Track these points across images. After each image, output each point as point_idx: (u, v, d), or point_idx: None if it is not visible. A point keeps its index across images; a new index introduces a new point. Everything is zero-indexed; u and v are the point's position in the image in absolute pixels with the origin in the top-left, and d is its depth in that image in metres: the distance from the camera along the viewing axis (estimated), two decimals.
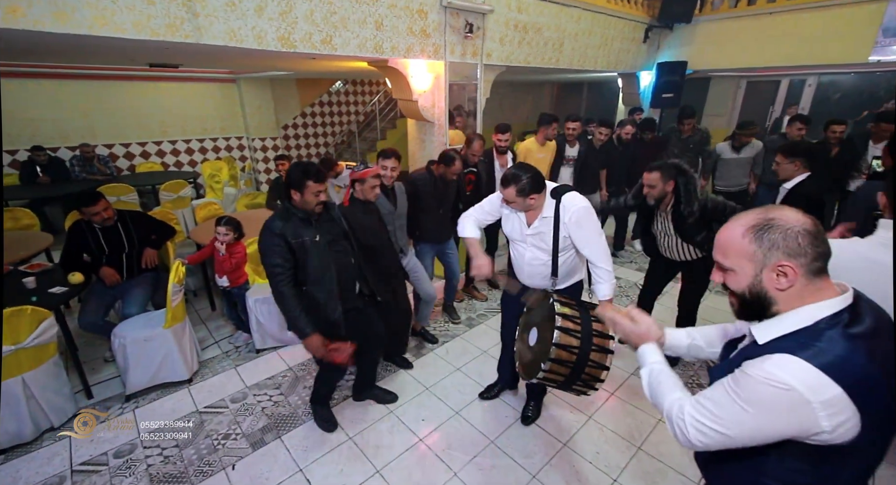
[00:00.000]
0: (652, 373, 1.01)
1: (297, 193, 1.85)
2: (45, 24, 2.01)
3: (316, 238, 1.90)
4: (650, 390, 1.00)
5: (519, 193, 1.72)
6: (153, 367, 2.55)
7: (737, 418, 0.79)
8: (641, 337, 1.09)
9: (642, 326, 1.10)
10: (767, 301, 0.82)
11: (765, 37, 5.70)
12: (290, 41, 2.88)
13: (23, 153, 5.57)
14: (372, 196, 2.31)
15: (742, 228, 0.82)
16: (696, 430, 0.84)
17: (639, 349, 1.08)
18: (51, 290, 2.48)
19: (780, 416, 0.75)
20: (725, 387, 0.82)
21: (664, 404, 0.93)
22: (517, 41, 4.46)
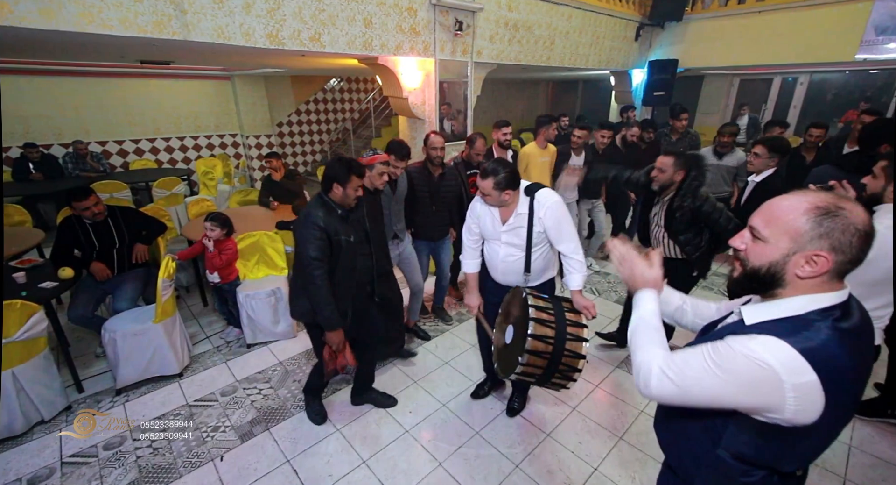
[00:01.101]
0: (643, 319, 0.98)
1: (339, 187, 1.85)
2: (30, 21, 2.03)
3: (351, 238, 1.93)
4: (633, 335, 0.97)
5: (495, 186, 1.76)
6: (143, 361, 2.58)
7: (699, 377, 0.80)
8: (648, 282, 1.03)
9: (656, 270, 1.04)
10: (778, 282, 0.81)
11: (754, 35, 5.76)
12: (279, 38, 2.90)
13: (15, 150, 5.57)
14: (380, 184, 2.29)
15: (807, 204, 0.76)
16: (658, 379, 0.85)
17: (638, 293, 1.03)
18: (41, 285, 2.50)
19: (745, 388, 0.76)
20: (702, 350, 0.82)
21: (641, 354, 0.92)
22: (508, 39, 4.49)
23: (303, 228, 1.84)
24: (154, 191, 5.19)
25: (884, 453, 2.14)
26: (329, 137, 8.93)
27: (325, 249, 1.83)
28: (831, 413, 0.76)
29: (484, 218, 1.99)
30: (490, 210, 1.94)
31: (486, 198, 1.85)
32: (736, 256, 0.88)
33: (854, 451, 2.16)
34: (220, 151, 7.66)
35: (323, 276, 1.83)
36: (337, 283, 1.93)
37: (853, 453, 2.14)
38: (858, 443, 2.20)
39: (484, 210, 1.98)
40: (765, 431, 0.81)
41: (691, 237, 2.37)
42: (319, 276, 1.83)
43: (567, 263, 1.92)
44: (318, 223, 1.81)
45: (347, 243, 1.91)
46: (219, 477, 2.03)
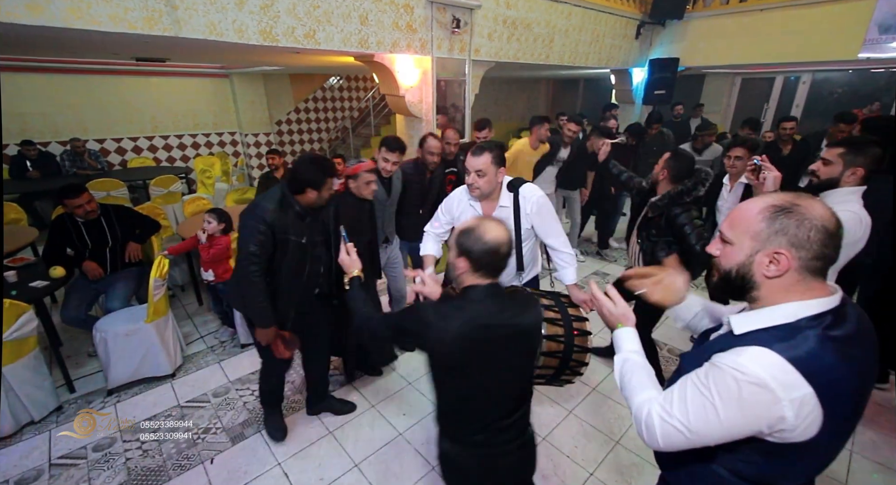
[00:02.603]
0: (626, 362, 0.97)
1: (313, 191, 1.75)
2: (17, 16, 1.99)
3: (303, 239, 1.81)
4: (621, 380, 0.96)
5: (494, 160, 1.68)
6: (135, 361, 2.55)
7: (705, 415, 0.76)
8: (618, 319, 1.04)
9: (620, 307, 1.05)
10: (749, 285, 0.80)
11: (756, 33, 5.70)
12: (273, 35, 2.86)
13: (13, 148, 5.55)
14: (367, 193, 2.14)
15: (762, 204, 0.79)
16: (664, 432, 0.81)
17: (616, 332, 1.04)
18: (31, 284, 2.48)
19: (748, 413, 0.73)
20: (695, 382, 0.79)
21: (634, 400, 0.89)
22: (506, 37, 4.44)
23: (247, 219, 1.73)
24: (151, 189, 5.17)
25: (886, 460, 2.11)
26: (328, 136, 8.90)
27: (266, 246, 1.72)
28: (831, 426, 0.73)
29: (464, 217, 1.90)
30: (471, 208, 1.87)
31: (480, 180, 1.71)
32: (713, 263, 0.88)
33: (855, 457, 2.12)
34: (218, 150, 7.64)
35: (258, 273, 1.74)
36: (279, 283, 1.83)
37: (854, 459, 2.11)
38: (860, 449, 2.16)
39: (463, 208, 1.91)
40: (762, 449, 0.78)
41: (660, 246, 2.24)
42: (255, 272, 1.73)
43: (557, 257, 1.88)
44: (264, 218, 1.69)
45: (297, 245, 1.79)
46: (208, 480, 2.00)
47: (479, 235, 1.08)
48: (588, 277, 4.12)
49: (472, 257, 1.08)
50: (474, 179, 1.72)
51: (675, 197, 2.15)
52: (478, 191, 1.75)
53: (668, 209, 2.14)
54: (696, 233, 2.09)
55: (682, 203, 2.11)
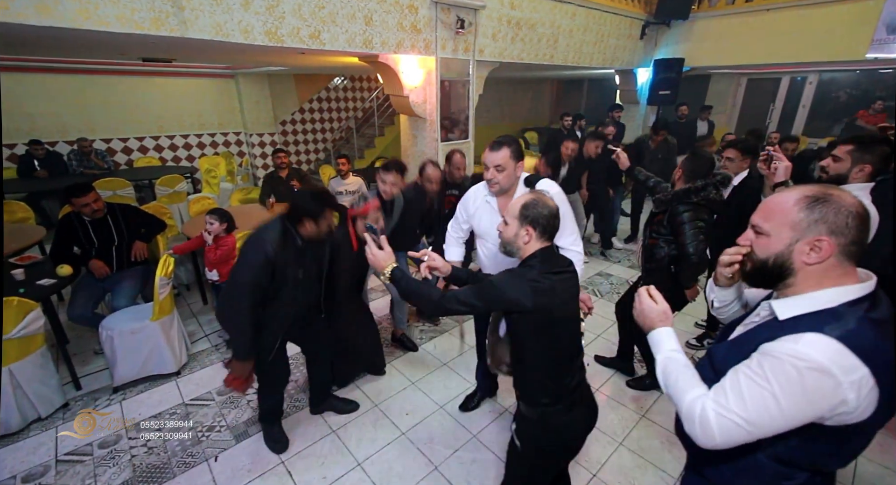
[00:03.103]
0: (669, 362, 0.95)
1: (312, 223, 1.72)
2: (27, 17, 2.02)
3: (300, 275, 1.79)
4: (665, 380, 0.94)
5: (513, 155, 1.67)
6: (140, 359, 2.57)
7: (765, 407, 0.76)
8: (659, 318, 1.02)
9: (662, 306, 1.03)
10: (787, 272, 0.83)
11: (762, 34, 5.66)
12: (278, 36, 2.88)
13: (21, 147, 5.61)
14: None
15: (798, 195, 0.81)
16: (722, 427, 0.79)
17: (654, 332, 1.01)
18: (39, 282, 2.50)
19: (811, 399, 0.74)
20: (748, 374, 0.78)
21: (684, 399, 0.87)
22: (510, 37, 4.44)
23: (249, 250, 1.71)
24: (157, 188, 5.21)
25: (892, 463, 2.09)
26: (332, 136, 8.93)
27: (263, 280, 1.69)
28: (880, 407, 0.75)
29: (480, 214, 1.89)
30: (487, 204, 1.86)
31: (499, 175, 1.69)
32: (744, 255, 0.91)
33: (861, 460, 2.10)
34: (223, 149, 7.68)
35: (251, 307, 1.71)
36: (272, 313, 1.82)
37: (860, 463, 2.09)
38: (866, 452, 2.13)
39: (478, 205, 1.90)
40: (816, 433, 0.79)
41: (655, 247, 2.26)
42: (247, 306, 1.70)
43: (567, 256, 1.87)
44: (266, 251, 1.67)
45: (294, 280, 1.78)
46: (212, 478, 2.01)
47: (543, 204, 1.28)
48: (591, 278, 4.11)
49: (541, 223, 1.27)
50: (493, 174, 1.69)
51: (679, 194, 2.13)
52: (497, 186, 1.72)
53: (672, 206, 2.13)
54: (693, 233, 2.06)
55: (688, 202, 2.09)
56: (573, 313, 1.33)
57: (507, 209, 1.35)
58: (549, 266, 1.27)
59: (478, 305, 1.28)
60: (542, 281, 1.22)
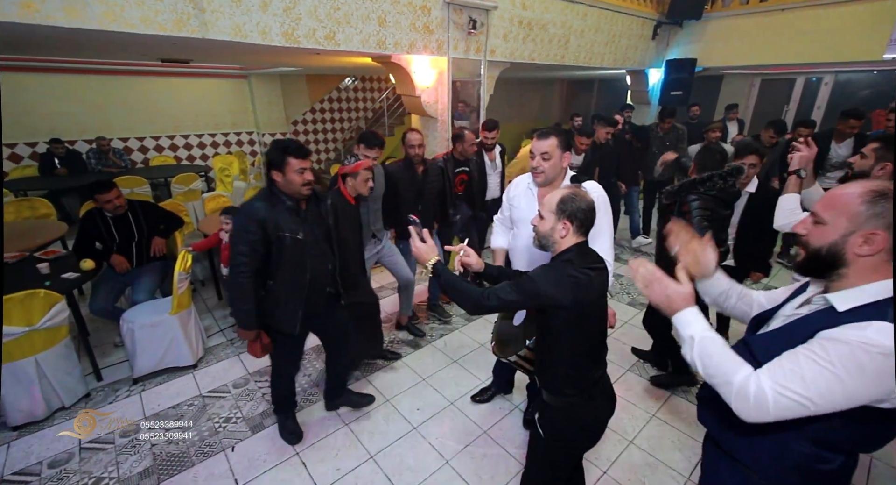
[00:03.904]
0: (704, 341, 0.94)
1: (278, 173, 1.69)
2: (56, 19, 2.09)
3: (299, 235, 1.76)
4: (702, 360, 0.93)
5: (560, 145, 1.67)
6: (159, 352, 2.64)
7: (828, 387, 0.79)
8: (685, 299, 1.00)
9: (687, 286, 1.02)
10: (839, 262, 0.86)
11: (776, 34, 5.61)
12: (294, 37, 2.94)
13: (42, 145, 5.77)
14: (365, 190, 2.20)
15: (863, 188, 0.85)
16: (779, 404, 0.82)
17: (680, 313, 1.00)
18: (63, 275, 2.58)
19: (876, 382, 0.78)
20: (810, 357, 0.82)
21: (734, 378, 0.87)
22: (522, 37, 4.46)
23: (238, 218, 1.71)
24: (173, 186, 5.32)
25: None
26: (343, 136, 9.01)
27: (255, 244, 1.68)
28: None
29: (518, 200, 1.90)
30: (528, 191, 1.86)
31: (545, 163, 1.69)
32: (800, 242, 0.95)
33: (876, 463, 2.09)
34: (236, 149, 7.80)
35: (247, 273, 1.70)
36: (281, 283, 1.79)
37: (875, 465, 2.08)
38: (880, 454, 2.12)
39: (519, 192, 1.90)
40: (865, 415, 0.83)
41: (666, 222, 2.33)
42: (243, 272, 1.69)
43: None
44: (254, 216, 1.67)
45: (293, 241, 1.74)
46: (229, 467, 2.06)
47: (581, 198, 1.29)
48: None
49: (579, 217, 1.28)
50: (539, 162, 1.69)
51: (685, 185, 2.18)
52: (542, 175, 1.71)
53: (680, 196, 2.17)
54: (697, 221, 2.09)
55: (698, 192, 2.14)
56: (604, 309, 1.36)
57: (542, 204, 1.35)
58: (586, 260, 1.28)
59: (517, 301, 1.27)
60: (581, 275, 1.22)
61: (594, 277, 1.26)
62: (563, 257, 1.30)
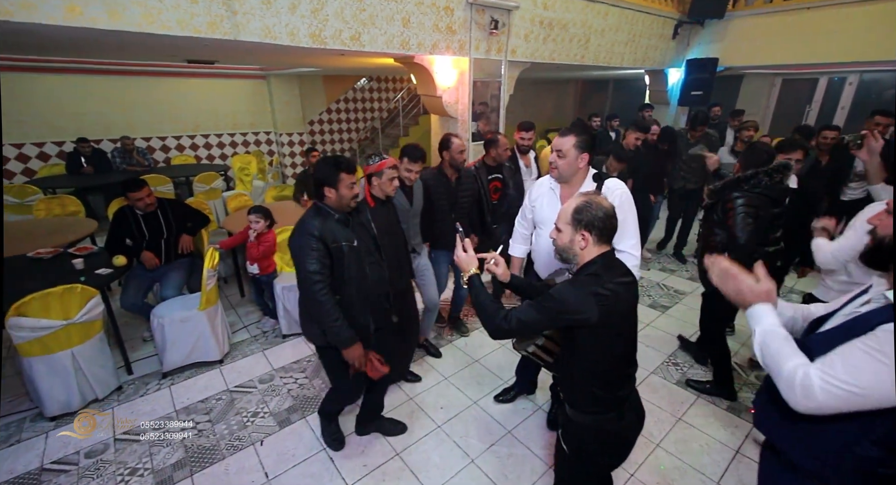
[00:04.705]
0: (768, 335, 0.98)
1: (331, 189, 1.69)
2: (99, 22, 2.16)
3: (354, 243, 1.76)
4: (764, 352, 0.97)
5: (577, 145, 1.68)
6: (188, 346, 2.70)
7: (876, 375, 0.81)
8: (760, 295, 1.03)
9: (765, 283, 1.04)
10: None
11: (802, 33, 5.50)
12: (321, 38, 2.97)
13: (69, 145, 5.92)
14: (391, 190, 2.11)
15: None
16: (826, 391, 0.84)
17: (753, 308, 1.03)
18: (97, 271, 2.65)
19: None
20: (864, 350, 0.83)
21: (784, 367, 0.92)
22: (542, 38, 4.45)
23: (297, 240, 1.68)
24: (195, 185, 5.42)
25: None
26: (358, 136, 9.08)
27: (324, 261, 1.67)
28: None
29: (541, 200, 1.90)
30: (550, 191, 1.87)
31: (559, 160, 1.71)
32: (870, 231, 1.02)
33: None
34: (254, 148, 7.91)
35: (325, 291, 1.67)
36: (349, 295, 1.78)
37: None
38: None
39: (542, 191, 1.90)
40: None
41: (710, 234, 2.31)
42: (321, 290, 1.66)
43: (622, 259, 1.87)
44: (312, 232, 1.65)
45: (350, 249, 1.74)
46: (259, 461, 2.10)
47: (597, 206, 1.23)
48: None
49: (597, 226, 1.21)
50: (554, 158, 1.73)
51: (729, 184, 2.18)
52: (556, 171, 1.75)
53: (724, 194, 2.16)
54: (741, 218, 2.10)
55: (742, 190, 2.13)
56: (633, 325, 1.29)
57: (559, 216, 1.31)
58: (613, 274, 1.20)
59: (539, 322, 1.22)
60: (607, 292, 1.15)
61: (621, 292, 1.18)
62: (588, 271, 1.23)
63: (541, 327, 1.29)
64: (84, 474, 2.02)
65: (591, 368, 1.26)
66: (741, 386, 2.65)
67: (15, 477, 2.00)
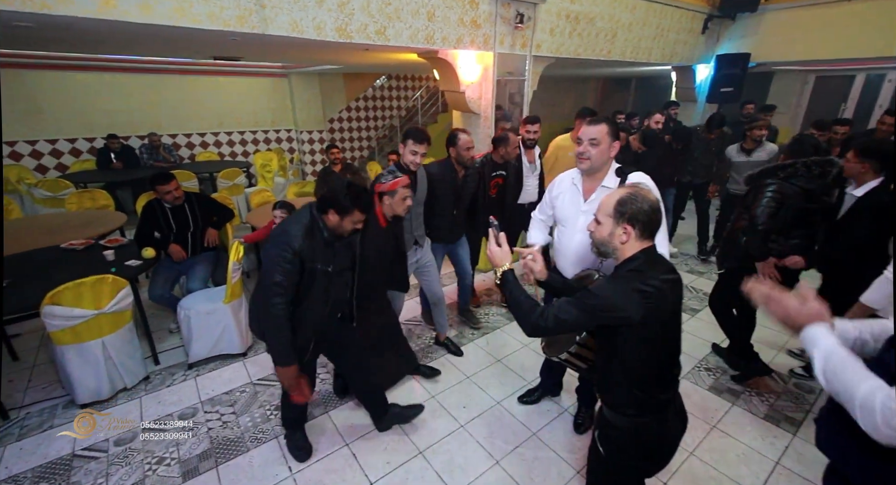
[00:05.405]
0: (830, 357, 0.88)
1: (336, 216, 1.63)
2: (132, 16, 2.19)
3: (329, 268, 1.71)
4: (828, 375, 0.88)
5: (610, 131, 1.61)
6: (213, 339, 2.72)
7: None
8: (812, 316, 0.95)
9: (813, 304, 0.96)
10: None
11: (840, 26, 5.25)
12: (347, 32, 2.97)
13: (99, 141, 6.10)
14: (402, 210, 2.02)
15: None
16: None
17: (807, 331, 0.95)
18: (127, 262, 2.70)
19: None
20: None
21: (857, 392, 0.82)
22: (568, 32, 4.35)
23: (274, 246, 1.60)
24: (218, 181, 5.51)
25: None
26: (376, 134, 9.11)
27: (292, 276, 1.59)
28: None
29: (563, 196, 1.84)
30: (572, 186, 1.80)
31: (592, 149, 1.63)
32: None
33: None
34: (275, 146, 8.02)
35: (282, 305, 1.59)
36: (304, 311, 1.72)
37: None
38: None
39: (563, 187, 1.84)
40: None
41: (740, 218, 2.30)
42: (278, 304, 1.58)
43: None
44: (292, 245, 1.58)
45: (323, 273, 1.68)
46: (283, 454, 2.09)
47: (642, 198, 1.16)
48: None
49: (641, 219, 1.15)
50: (586, 148, 1.63)
51: (767, 170, 2.17)
52: (588, 162, 1.65)
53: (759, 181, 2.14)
54: (766, 202, 2.11)
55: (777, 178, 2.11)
56: (678, 325, 1.22)
57: (599, 207, 1.24)
58: (657, 270, 1.14)
59: (578, 319, 1.16)
60: (650, 287, 1.09)
61: (667, 290, 1.11)
62: (629, 267, 1.16)
63: (580, 326, 1.22)
64: (113, 461, 2.05)
65: (632, 369, 1.19)
66: (779, 394, 2.53)
67: (48, 462, 2.04)
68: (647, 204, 1.16)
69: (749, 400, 2.49)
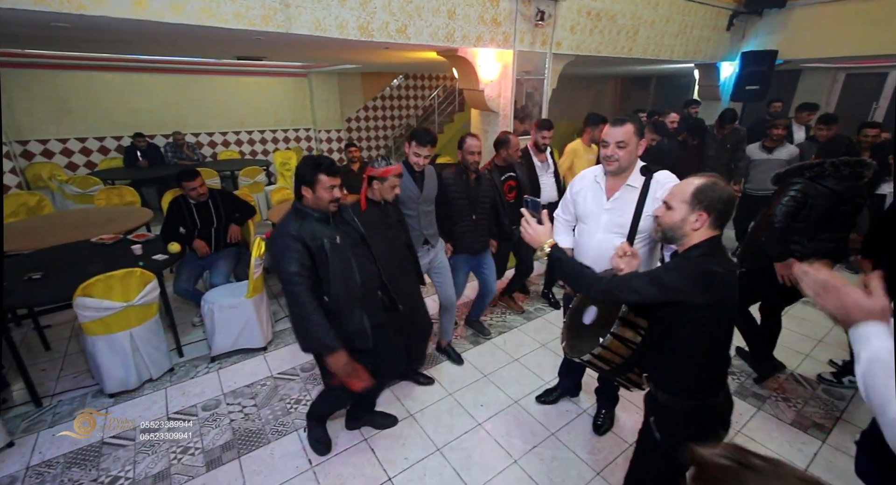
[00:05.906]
0: (877, 363, 0.78)
1: (307, 189, 1.63)
2: (163, 15, 2.25)
3: (336, 240, 1.69)
4: (867, 383, 0.79)
5: (636, 131, 1.61)
6: (235, 332, 2.78)
7: None
8: (874, 312, 0.83)
9: (880, 299, 0.84)
10: None
11: (874, 22, 5.05)
12: (369, 30, 2.99)
13: (126, 139, 6.29)
14: (390, 196, 2.07)
15: None
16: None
17: (862, 328, 0.83)
18: (154, 257, 2.77)
19: None
20: None
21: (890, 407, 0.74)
22: (589, 29, 4.30)
23: (275, 242, 1.62)
24: (239, 179, 5.62)
25: None
26: (393, 133, 9.16)
27: (303, 260, 1.58)
28: None
29: (585, 194, 1.81)
30: (594, 184, 1.78)
31: (620, 151, 1.61)
32: None
33: None
34: (294, 145, 8.14)
35: (306, 292, 1.58)
36: (336, 295, 1.68)
37: None
38: None
39: (585, 184, 1.82)
40: None
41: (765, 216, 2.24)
42: (301, 292, 1.57)
43: None
44: (290, 232, 1.59)
45: (333, 246, 1.66)
46: (303, 447, 2.12)
47: (721, 188, 1.19)
48: None
49: (718, 208, 1.18)
50: (613, 150, 1.62)
51: (794, 169, 2.14)
52: (616, 164, 1.64)
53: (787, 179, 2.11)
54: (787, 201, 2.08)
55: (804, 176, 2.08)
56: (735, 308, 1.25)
57: (671, 193, 1.26)
58: (723, 256, 1.19)
59: (651, 293, 1.19)
60: (724, 271, 1.15)
61: (734, 274, 1.18)
62: (697, 252, 1.19)
63: (647, 299, 1.23)
64: (140, 449, 2.11)
65: (691, 348, 1.22)
66: (807, 399, 2.45)
67: (79, 448, 2.12)
68: (726, 193, 1.20)
69: (776, 405, 2.41)
